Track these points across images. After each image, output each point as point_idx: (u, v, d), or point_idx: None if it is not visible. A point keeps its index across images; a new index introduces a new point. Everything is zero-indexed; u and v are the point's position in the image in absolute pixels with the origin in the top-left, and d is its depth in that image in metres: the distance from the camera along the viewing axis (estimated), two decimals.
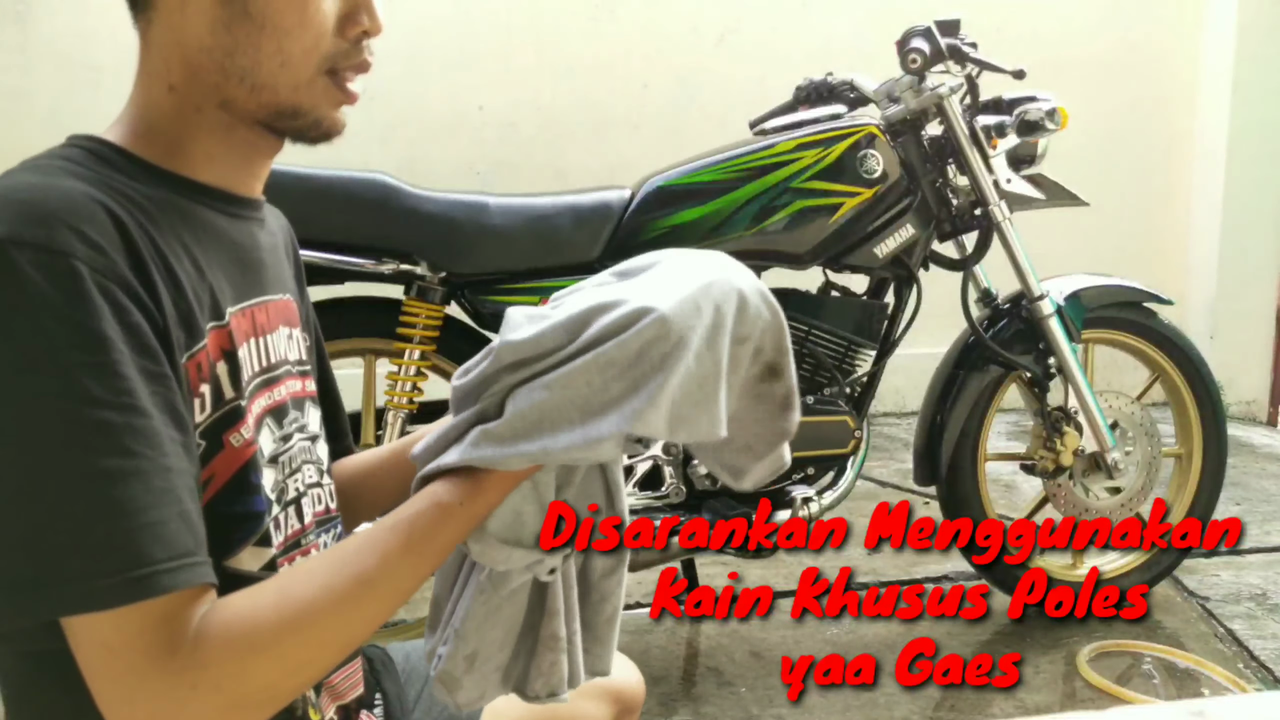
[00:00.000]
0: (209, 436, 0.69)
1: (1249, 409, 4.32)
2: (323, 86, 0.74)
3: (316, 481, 0.85)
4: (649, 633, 2.07)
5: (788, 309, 1.89)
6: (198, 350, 0.69)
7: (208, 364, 0.70)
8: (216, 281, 0.73)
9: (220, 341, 0.72)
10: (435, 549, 0.67)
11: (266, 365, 0.78)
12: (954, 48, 1.86)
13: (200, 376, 0.69)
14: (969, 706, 1.78)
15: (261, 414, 0.76)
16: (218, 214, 0.76)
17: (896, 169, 1.88)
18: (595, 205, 1.81)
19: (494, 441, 0.66)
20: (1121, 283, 2.14)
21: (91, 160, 0.70)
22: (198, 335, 0.69)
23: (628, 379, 0.64)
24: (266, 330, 0.79)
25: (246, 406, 0.73)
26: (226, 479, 0.70)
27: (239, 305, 0.76)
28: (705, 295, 0.67)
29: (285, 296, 0.85)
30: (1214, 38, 4.21)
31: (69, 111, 3.26)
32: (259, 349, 0.77)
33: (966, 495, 2.07)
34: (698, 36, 3.85)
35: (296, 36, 0.71)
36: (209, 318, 0.71)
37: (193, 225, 0.73)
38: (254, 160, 0.79)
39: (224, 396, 0.71)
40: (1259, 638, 2.05)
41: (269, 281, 0.82)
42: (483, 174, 3.67)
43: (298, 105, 0.73)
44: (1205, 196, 4.29)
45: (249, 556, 0.71)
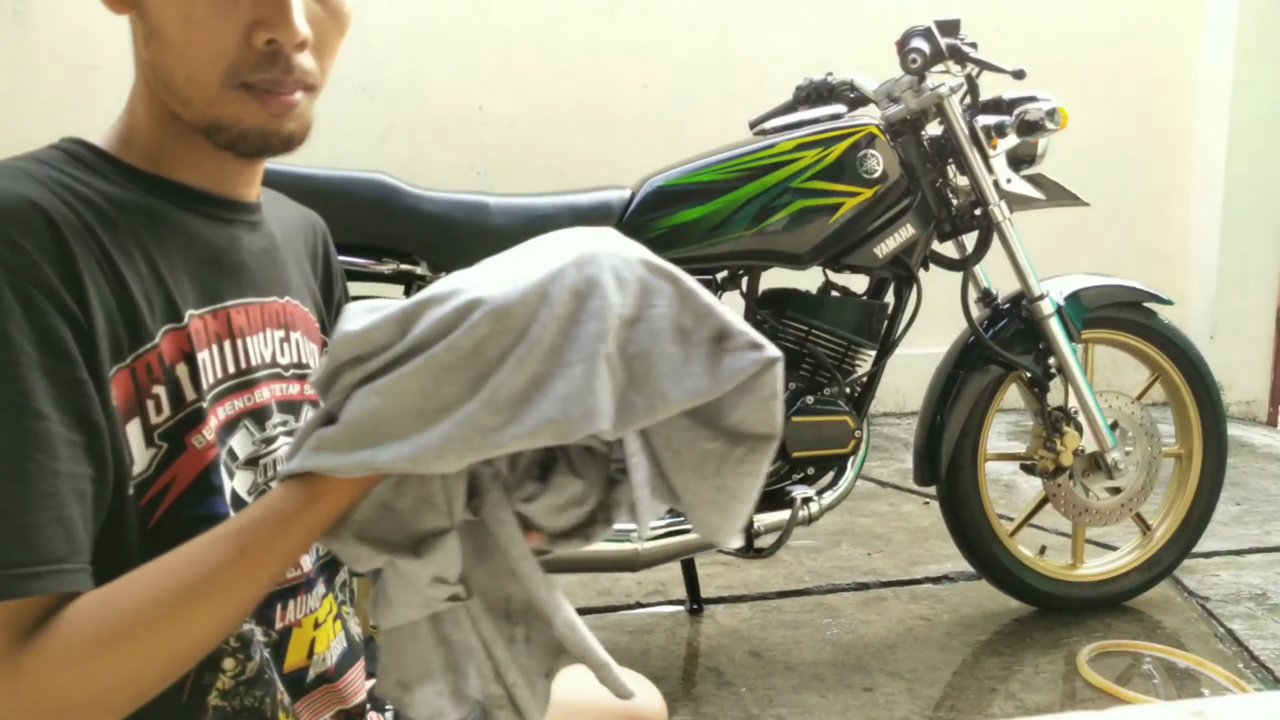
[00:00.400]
0: (170, 439, 0.70)
1: (1249, 409, 4.32)
2: (237, 99, 0.70)
3: None
4: (649, 633, 2.07)
5: (788, 309, 1.91)
6: (145, 351, 0.69)
7: (160, 365, 0.70)
8: (178, 284, 0.73)
9: (179, 343, 0.71)
10: (273, 559, 0.64)
11: (243, 368, 0.77)
12: (954, 48, 1.86)
13: (152, 377, 0.69)
14: (969, 706, 1.78)
15: (235, 416, 0.76)
16: (195, 216, 0.76)
17: (896, 169, 1.88)
18: (595, 205, 1.81)
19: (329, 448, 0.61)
20: (1121, 283, 2.14)
21: (65, 161, 0.71)
22: (145, 337, 0.69)
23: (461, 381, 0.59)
24: (246, 332, 0.78)
25: (210, 409, 0.73)
26: (189, 481, 0.70)
27: (207, 308, 0.75)
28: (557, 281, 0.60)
29: (279, 299, 0.83)
30: (1214, 38, 4.21)
31: (69, 111, 3.26)
32: (232, 351, 0.77)
33: (966, 495, 2.07)
34: (698, 36, 3.85)
35: (190, 51, 0.70)
36: (163, 320, 0.71)
37: (158, 228, 0.73)
38: (228, 166, 0.77)
39: (184, 398, 0.71)
40: (1259, 638, 2.05)
41: (254, 284, 0.81)
42: (483, 174, 3.67)
43: (216, 119, 0.71)
44: (1205, 196, 4.29)
45: None
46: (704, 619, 2.14)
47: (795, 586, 2.31)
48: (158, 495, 0.69)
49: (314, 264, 0.93)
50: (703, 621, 2.13)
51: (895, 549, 2.57)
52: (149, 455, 0.69)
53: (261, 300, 0.81)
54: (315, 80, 0.74)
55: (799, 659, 1.95)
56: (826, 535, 2.65)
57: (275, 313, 0.83)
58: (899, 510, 2.91)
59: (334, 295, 0.96)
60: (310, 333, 0.88)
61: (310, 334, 0.88)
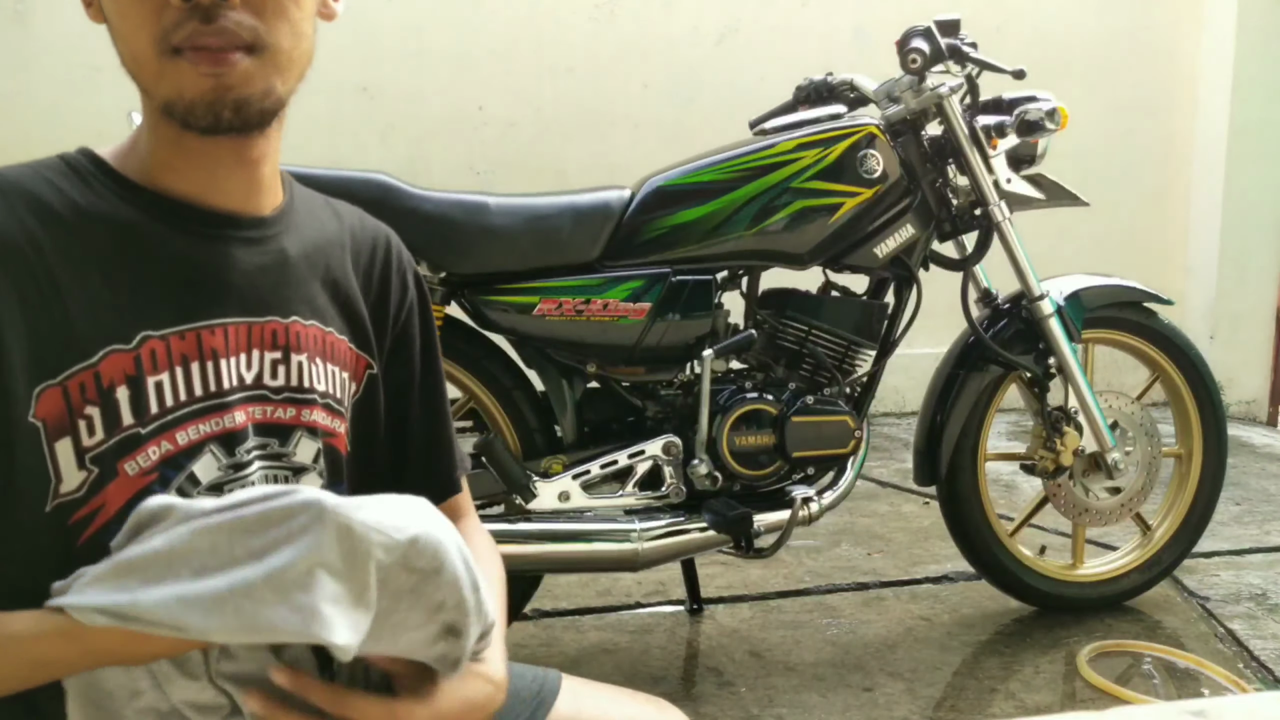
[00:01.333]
0: (101, 463, 0.69)
1: (1249, 409, 4.32)
2: (172, 67, 0.69)
3: None
4: (649, 633, 2.07)
5: (788, 309, 1.91)
6: (79, 370, 0.68)
7: (95, 386, 0.69)
8: (138, 303, 0.72)
9: (122, 366, 0.70)
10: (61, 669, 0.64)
11: (212, 390, 0.75)
12: (954, 48, 1.86)
13: (85, 398, 0.68)
14: (969, 706, 1.78)
15: (199, 440, 0.74)
16: (179, 233, 0.75)
17: (896, 169, 1.88)
18: (595, 205, 1.81)
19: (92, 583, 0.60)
20: (1121, 283, 2.14)
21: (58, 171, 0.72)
22: (81, 355, 0.68)
23: (254, 547, 0.58)
24: (221, 354, 0.76)
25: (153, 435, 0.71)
26: (117, 508, 0.69)
27: (172, 328, 0.73)
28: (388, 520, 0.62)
29: (281, 319, 0.80)
30: (1214, 38, 4.21)
31: (69, 111, 3.26)
32: (200, 374, 0.74)
33: (966, 495, 2.07)
34: (698, 36, 3.85)
35: (125, 26, 0.70)
36: (107, 340, 0.70)
37: (132, 245, 0.72)
38: (218, 172, 0.76)
39: (120, 423, 0.70)
40: (1259, 638, 2.05)
41: (243, 303, 0.78)
42: (483, 174, 3.66)
43: (165, 97, 0.70)
44: (1205, 196, 4.29)
45: None
46: (704, 619, 2.14)
47: (795, 586, 2.31)
48: (86, 518, 0.68)
49: (366, 280, 0.89)
50: (703, 621, 2.13)
51: (895, 549, 2.57)
52: (80, 477, 0.68)
53: (251, 320, 0.78)
54: (256, 38, 0.70)
55: (799, 659, 1.95)
56: (826, 535, 2.65)
57: (271, 333, 0.79)
58: (899, 510, 2.91)
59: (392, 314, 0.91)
60: (331, 355, 0.84)
61: (331, 356, 0.84)
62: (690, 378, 1.88)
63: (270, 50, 0.71)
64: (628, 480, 1.83)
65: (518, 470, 1.75)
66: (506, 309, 1.77)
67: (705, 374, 1.78)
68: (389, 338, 0.91)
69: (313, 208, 0.88)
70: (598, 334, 1.79)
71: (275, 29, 0.72)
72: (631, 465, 1.82)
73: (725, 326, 1.88)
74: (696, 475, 1.81)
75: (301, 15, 0.74)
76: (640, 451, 1.82)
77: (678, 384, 1.88)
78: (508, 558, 1.73)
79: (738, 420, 1.83)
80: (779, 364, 1.91)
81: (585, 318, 1.78)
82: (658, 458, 1.82)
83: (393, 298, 0.92)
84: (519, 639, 2.02)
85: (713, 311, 1.84)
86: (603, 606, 2.19)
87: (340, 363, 0.86)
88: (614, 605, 2.20)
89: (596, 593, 2.25)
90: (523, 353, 1.87)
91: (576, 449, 1.84)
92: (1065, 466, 2.05)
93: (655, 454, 1.82)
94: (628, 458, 1.82)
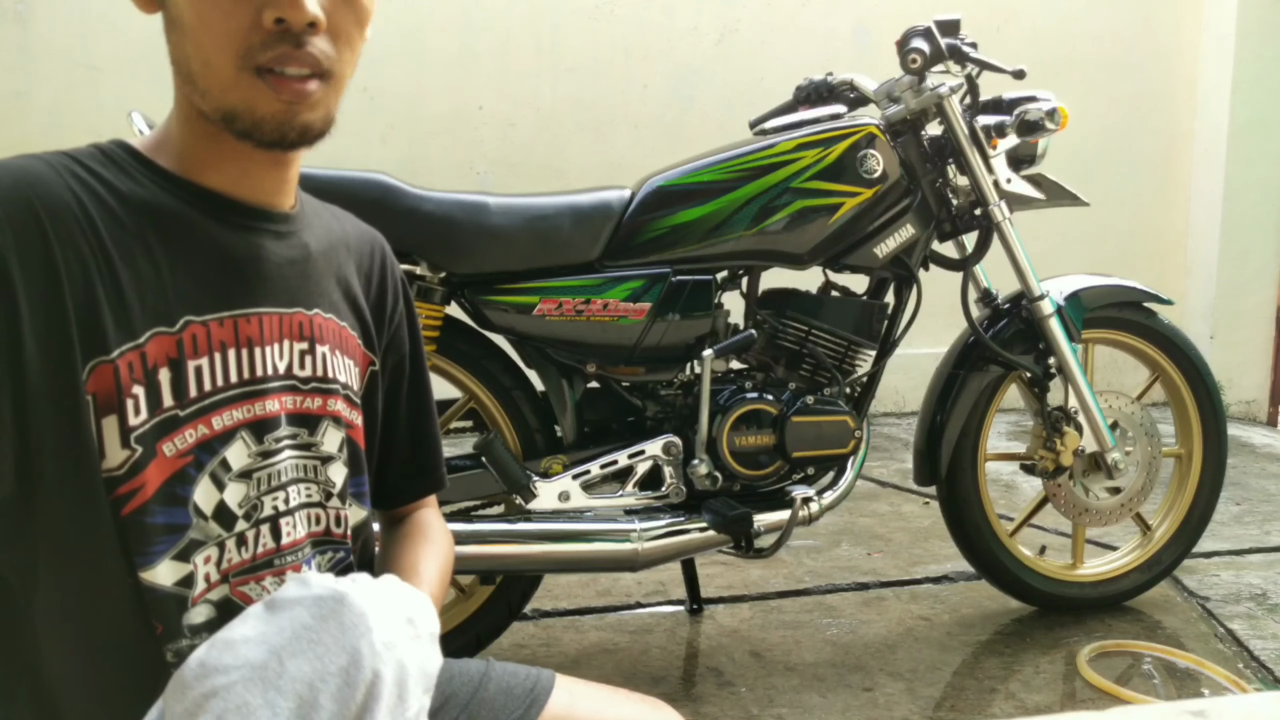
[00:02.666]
0: (144, 443, 0.70)
1: (1249, 409, 4.32)
2: (250, 85, 0.71)
3: (317, 502, 0.84)
4: (649, 633, 2.07)
5: (788, 309, 1.91)
6: (129, 349, 0.70)
7: (142, 367, 0.70)
8: (180, 288, 0.73)
9: (165, 349, 0.72)
10: None
11: (247, 378, 0.77)
12: (954, 48, 1.86)
13: (133, 377, 0.70)
14: (969, 706, 1.78)
15: (233, 426, 0.76)
16: (216, 222, 0.76)
17: (896, 169, 1.88)
18: (595, 205, 1.81)
19: None
20: (1121, 283, 2.14)
21: (95, 158, 0.73)
22: (131, 335, 0.70)
23: None
24: (257, 342, 0.78)
25: (191, 419, 0.73)
26: (156, 488, 0.71)
27: (212, 314, 0.75)
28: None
29: (306, 311, 0.83)
30: (1214, 38, 4.21)
31: (69, 111, 3.26)
32: (237, 361, 0.76)
33: (966, 495, 2.07)
34: (698, 36, 3.86)
35: (204, 35, 0.71)
36: (153, 322, 0.71)
37: (172, 231, 0.74)
38: (251, 170, 0.78)
39: (161, 404, 0.71)
40: (1259, 638, 2.05)
41: (274, 294, 0.80)
42: (482, 174, 3.67)
43: (231, 107, 0.72)
44: (1205, 196, 4.29)
45: (165, 569, 0.72)
46: (704, 619, 2.15)
47: (795, 586, 2.31)
48: (125, 496, 0.70)
49: (366, 282, 0.92)
50: (703, 621, 2.13)
51: (895, 549, 2.57)
52: (123, 456, 0.70)
53: (282, 311, 0.81)
54: (332, 66, 0.74)
55: (799, 659, 1.95)
56: (826, 535, 2.65)
57: (299, 324, 0.82)
58: (899, 510, 2.91)
59: (389, 315, 0.95)
60: (346, 349, 0.87)
61: (346, 350, 0.87)
62: (690, 378, 1.88)
63: (336, 78, 0.75)
64: (628, 480, 1.83)
65: (518, 470, 1.75)
66: (506, 309, 1.77)
67: (705, 374, 1.78)
68: (385, 337, 0.95)
69: (316, 208, 0.90)
70: (598, 334, 1.79)
71: (343, 58, 0.76)
72: (631, 465, 1.82)
73: (725, 326, 1.88)
74: (696, 475, 1.81)
75: (361, 44, 0.79)
76: (640, 451, 1.82)
77: (678, 384, 1.88)
78: (508, 558, 1.74)
79: (738, 420, 1.83)
80: (779, 364, 1.91)
81: (585, 318, 1.78)
82: (658, 458, 1.82)
83: (388, 299, 0.95)
84: (519, 639, 2.02)
85: (713, 311, 1.84)
86: (603, 606, 2.19)
87: (353, 357, 0.89)
88: (614, 605, 2.20)
89: (596, 593, 2.25)
90: (523, 353, 1.87)
91: (576, 449, 1.84)
92: (1065, 466, 2.05)
93: (655, 454, 1.82)
94: (628, 458, 1.82)
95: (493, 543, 1.73)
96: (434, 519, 1.02)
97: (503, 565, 1.77)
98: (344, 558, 0.88)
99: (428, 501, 1.04)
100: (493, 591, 1.87)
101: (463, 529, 1.73)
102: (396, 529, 0.99)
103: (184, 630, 0.73)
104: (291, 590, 0.69)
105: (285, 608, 0.67)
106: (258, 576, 0.78)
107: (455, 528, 1.73)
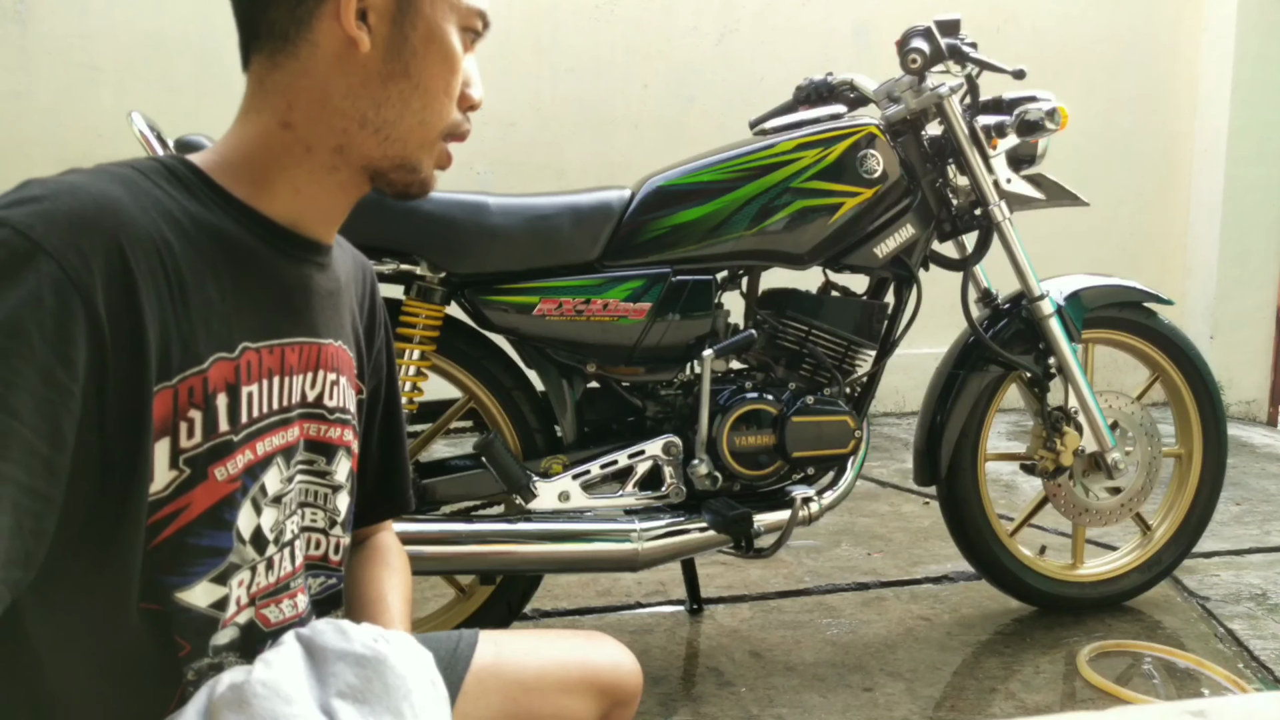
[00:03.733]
0: (194, 465, 0.70)
1: (1249, 409, 4.32)
2: (441, 150, 0.82)
3: (321, 529, 0.86)
4: (649, 633, 2.07)
5: (788, 309, 1.91)
6: (192, 374, 0.70)
7: (202, 391, 0.70)
8: (240, 314, 0.74)
9: (224, 374, 0.72)
10: None
11: (283, 405, 0.78)
12: (954, 48, 1.86)
13: (192, 401, 0.70)
14: (969, 706, 1.78)
15: (271, 452, 0.77)
16: (273, 251, 0.78)
17: (896, 169, 1.88)
18: (595, 205, 1.81)
19: None
20: (1121, 283, 2.14)
21: (162, 176, 0.73)
22: (195, 360, 0.70)
23: None
24: (295, 370, 0.80)
25: (244, 444, 0.74)
26: (201, 510, 0.71)
27: (264, 342, 0.76)
28: None
29: (333, 342, 0.85)
30: (1214, 38, 4.21)
31: (69, 111, 3.26)
32: (279, 388, 0.78)
33: (966, 495, 2.07)
34: (698, 36, 3.86)
35: (439, 102, 0.80)
36: (216, 347, 0.72)
37: (236, 256, 0.74)
38: (338, 205, 0.82)
39: (217, 429, 0.72)
40: (1259, 638, 2.05)
41: (313, 325, 0.82)
42: (482, 174, 3.67)
43: (418, 162, 0.81)
44: (1205, 196, 4.29)
45: (202, 591, 0.72)
46: (704, 619, 2.15)
47: (795, 586, 2.31)
48: (166, 518, 0.69)
49: (360, 309, 0.93)
50: (703, 621, 2.13)
51: (895, 549, 2.57)
52: (169, 477, 0.69)
53: (317, 341, 0.82)
54: None
55: (799, 659, 1.95)
56: (826, 535, 2.65)
57: (329, 355, 0.84)
58: (899, 510, 2.91)
59: (375, 342, 0.97)
60: (350, 378, 0.89)
61: (350, 380, 0.89)
62: (690, 378, 1.88)
63: None
64: (628, 480, 1.83)
65: (518, 470, 1.75)
66: (506, 309, 1.77)
67: (705, 374, 1.78)
68: (370, 364, 0.96)
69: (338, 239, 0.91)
70: (598, 334, 1.79)
71: None
72: (631, 465, 1.82)
73: (725, 326, 1.88)
74: (696, 475, 1.81)
75: None
76: (640, 451, 1.82)
77: (678, 384, 1.88)
78: (508, 557, 1.74)
79: (738, 420, 1.83)
80: (779, 364, 1.91)
81: (585, 318, 1.78)
82: (658, 458, 1.82)
83: (376, 327, 0.97)
84: None
85: (713, 311, 1.84)
86: (603, 606, 2.19)
87: (354, 386, 0.90)
88: (614, 605, 2.20)
89: (596, 593, 2.25)
90: (523, 353, 1.87)
91: (576, 449, 1.84)
92: (1065, 466, 2.05)
93: (655, 454, 1.82)
94: (628, 458, 1.82)
95: (493, 543, 1.73)
96: (392, 542, 1.04)
97: (503, 565, 1.77)
98: (335, 585, 0.89)
99: (386, 525, 1.05)
100: (493, 591, 1.87)
101: (463, 529, 1.73)
102: (358, 551, 0.99)
103: (209, 650, 0.73)
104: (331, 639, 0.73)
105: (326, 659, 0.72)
106: (277, 600, 0.79)
107: (455, 528, 1.73)
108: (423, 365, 1.78)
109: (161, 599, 0.70)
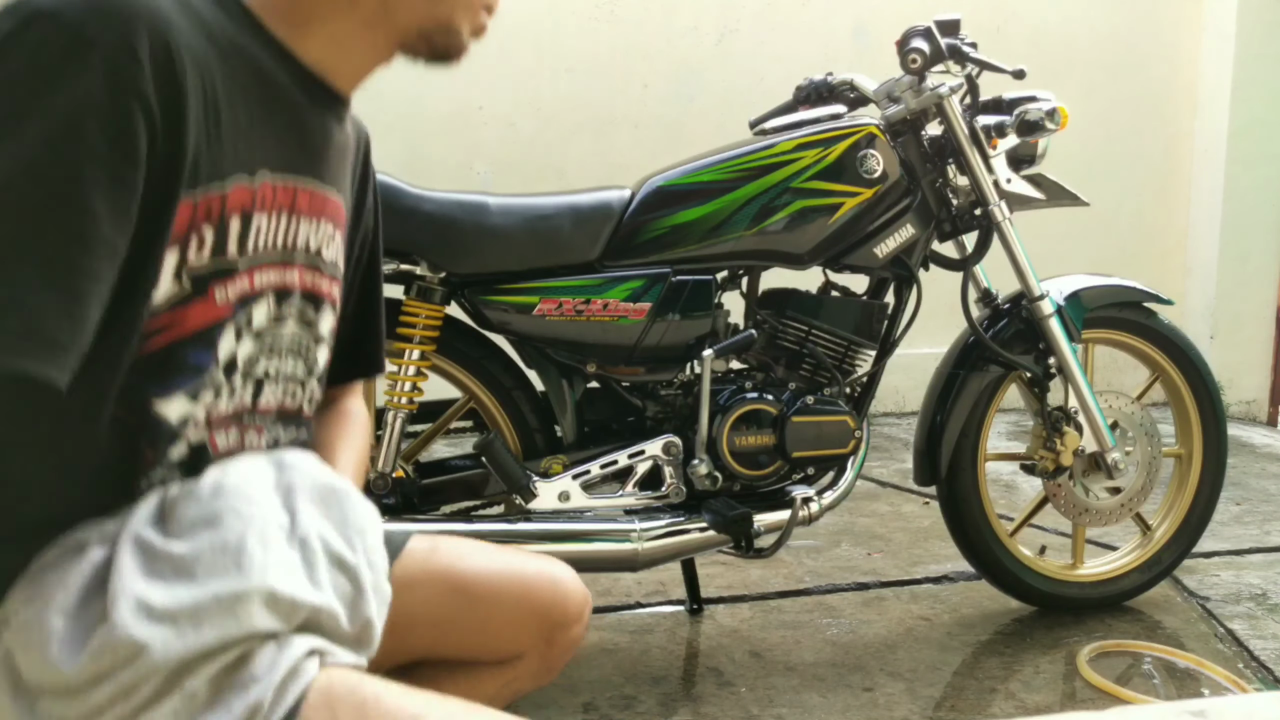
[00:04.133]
0: (195, 283, 0.71)
1: (1249, 409, 4.32)
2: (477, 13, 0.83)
3: (299, 379, 0.86)
4: (649, 633, 2.07)
5: (788, 309, 1.91)
6: (213, 191, 0.71)
7: (220, 210, 0.71)
8: (264, 143, 0.75)
9: (241, 199, 0.73)
10: None
11: (287, 246, 0.80)
12: (954, 48, 1.86)
13: (208, 218, 0.71)
14: (969, 706, 1.78)
15: (265, 288, 0.78)
16: (302, 93, 0.79)
17: (896, 169, 1.88)
18: (595, 205, 1.81)
19: None
20: (1121, 283, 2.14)
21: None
22: (218, 176, 0.71)
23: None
24: (305, 213, 0.81)
25: (245, 271, 0.75)
26: (195, 328, 0.72)
27: (281, 175, 0.78)
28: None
29: (337, 196, 0.87)
30: (1214, 38, 4.21)
31: None
32: (287, 226, 0.79)
33: (966, 495, 2.07)
34: (698, 36, 3.85)
35: None
36: (239, 169, 0.73)
37: (265, 87, 0.76)
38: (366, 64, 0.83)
39: (225, 251, 0.73)
40: (1259, 638, 2.05)
41: (325, 173, 0.84)
42: (483, 174, 3.67)
43: (458, 24, 0.82)
44: (1205, 196, 4.29)
45: (177, 404, 0.73)
46: (704, 619, 2.14)
47: (795, 586, 2.31)
48: (158, 330, 0.70)
49: (353, 171, 0.96)
50: (703, 621, 2.13)
51: (895, 549, 2.57)
52: (171, 289, 0.70)
53: (325, 190, 0.84)
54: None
55: (799, 659, 1.95)
56: (826, 535, 2.65)
57: (333, 208, 0.86)
58: (899, 510, 2.91)
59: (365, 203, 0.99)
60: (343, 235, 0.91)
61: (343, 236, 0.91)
62: (690, 378, 1.88)
63: None
64: (628, 480, 1.83)
65: (518, 470, 1.75)
66: (506, 309, 1.77)
67: (705, 374, 1.78)
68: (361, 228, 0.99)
69: None
70: (598, 334, 1.79)
71: None
72: (631, 465, 1.82)
73: (725, 326, 1.88)
74: (696, 475, 1.81)
75: None
76: (640, 451, 1.82)
77: (678, 384, 1.88)
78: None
79: (738, 420, 1.83)
80: (779, 364, 1.91)
81: (585, 318, 1.78)
82: (658, 458, 1.82)
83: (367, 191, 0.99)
84: None
85: (713, 311, 1.84)
86: (603, 606, 2.19)
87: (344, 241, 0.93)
88: (614, 605, 2.20)
89: (597, 593, 2.25)
90: (523, 353, 1.87)
91: (576, 449, 1.84)
92: (1065, 466, 2.05)
93: (655, 454, 1.82)
94: (628, 458, 1.82)
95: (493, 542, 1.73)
96: (357, 408, 1.06)
97: None
98: (305, 438, 0.90)
99: (355, 389, 1.07)
100: None
101: (463, 529, 1.73)
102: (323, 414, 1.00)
103: (166, 461, 0.74)
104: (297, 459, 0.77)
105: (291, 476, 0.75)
106: (227, 428, 0.79)
107: (455, 528, 1.73)
108: (423, 365, 1.78)
109: (138, 406, 0.71)
